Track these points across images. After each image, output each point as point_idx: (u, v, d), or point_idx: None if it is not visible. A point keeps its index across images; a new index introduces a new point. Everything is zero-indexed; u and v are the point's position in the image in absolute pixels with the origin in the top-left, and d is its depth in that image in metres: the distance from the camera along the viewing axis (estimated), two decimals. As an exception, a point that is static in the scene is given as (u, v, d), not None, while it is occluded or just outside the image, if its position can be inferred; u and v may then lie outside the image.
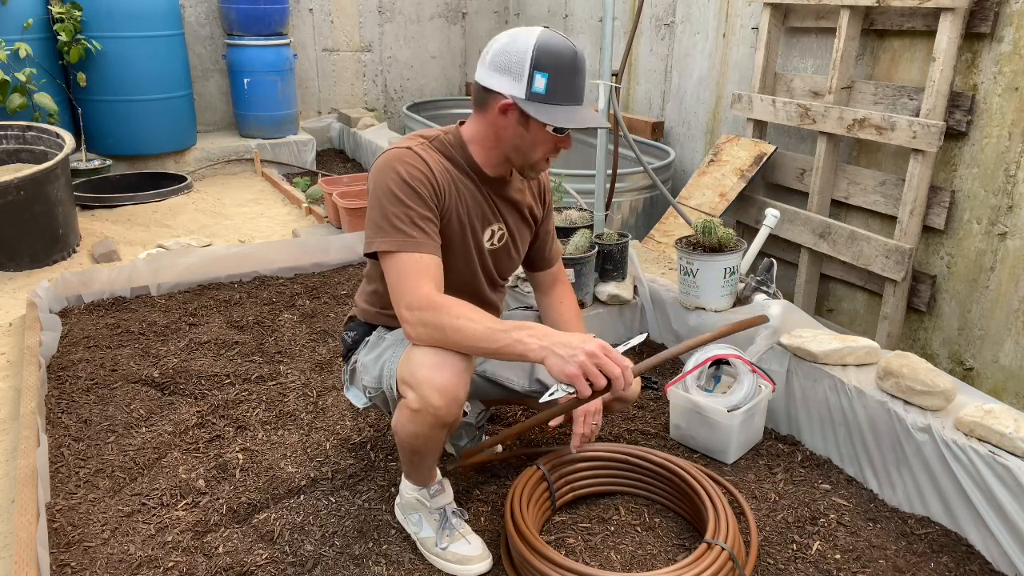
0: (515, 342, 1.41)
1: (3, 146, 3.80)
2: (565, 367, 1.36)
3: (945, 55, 2.59)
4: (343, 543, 1.77)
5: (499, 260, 1.78)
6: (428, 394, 1.47)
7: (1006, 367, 2.61)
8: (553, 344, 1.39)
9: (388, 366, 1.62)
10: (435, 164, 1.60)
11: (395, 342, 1.67)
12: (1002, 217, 2.57)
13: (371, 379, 1.68)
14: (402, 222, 1.53)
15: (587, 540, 1.78)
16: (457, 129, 1.68)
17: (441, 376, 1.47)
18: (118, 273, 3.11)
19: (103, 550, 1.73)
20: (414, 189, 1.54)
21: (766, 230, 2.74)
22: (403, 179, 1.54)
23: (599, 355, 1.37)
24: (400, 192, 1.53)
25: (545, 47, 1.49)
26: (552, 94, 1.51)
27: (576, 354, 1.36)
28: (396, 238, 1.52)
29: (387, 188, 1.54)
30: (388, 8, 6.07)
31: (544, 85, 1.50)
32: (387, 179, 1.55)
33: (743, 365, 2.12)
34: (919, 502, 1.88)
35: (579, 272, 2.62)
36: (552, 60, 1.50)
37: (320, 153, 5.82)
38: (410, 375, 1.50)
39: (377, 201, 1.56)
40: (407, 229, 1.53)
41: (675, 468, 1.84)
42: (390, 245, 1.52)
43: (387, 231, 1.53)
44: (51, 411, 2.28)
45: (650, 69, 4.57)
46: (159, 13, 4.62)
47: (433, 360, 1.48)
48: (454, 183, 1.63)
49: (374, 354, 1.71)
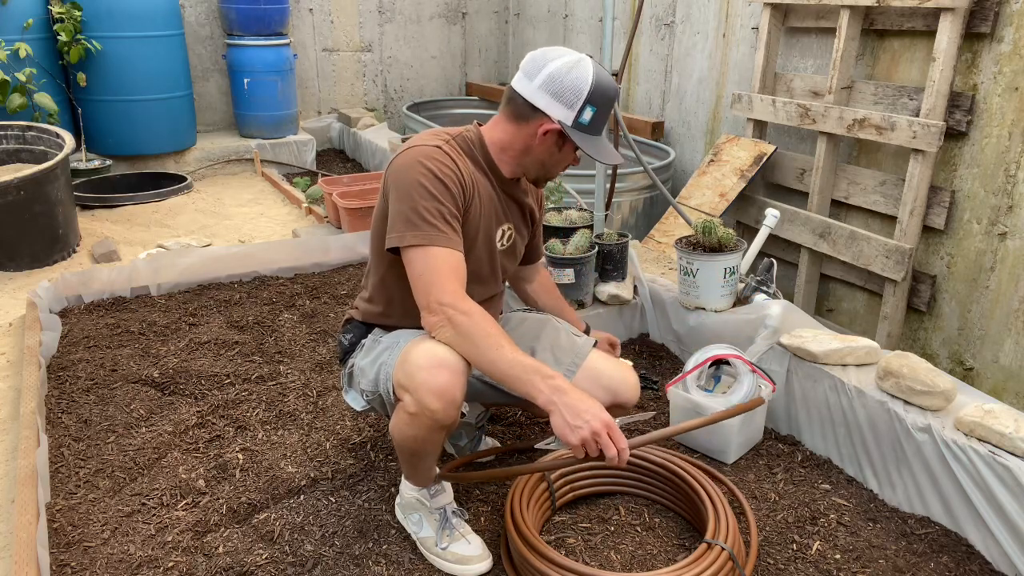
0: (527, 383, 1.43)
1: (3, 146, 3.80)
2: (569, 435, 1.39)
3: (945, 55, 2.59)
4: (343, 543, 1.77)
5: (506, 259, 1.81)
6: (425, 397, 1.47)
7: (1006, 367, 2.61)
8: (562, 404, 1.39)
9: (384, 370, 1.62)
10: (462, 163, 1.62)
11: (391, 345, 1.66)
12: (1002, 217, 2.57)
13: (368, 383, 1.67)
14: (433, 216, 1.53)
15: (587, 540, 1.78)
16: (477, 129, 1.69)
17: (438, 379, 1.47)
18: (118, 273, 3.11)
19: (103, 550, 1.73)
20: (445, 185, 1.55)
21: (766, 230, 2.74)
22: (435, 174, 1.55)
23: (603, 434, 1.38)
24: (432, 187, 1.54)
25: (600, 85, 1.59)
26: (594, 126, 1.62)
27: (582, 428, 1.38)
28: (427, 232, 1.52)
29: (418, 183, 1.54)
30: (388, 8, 6.07)
31: (590, 118, 1.60)
32: (417, 174, 1.55)
33: (743, 365, 2.12)
34: (919, 502, 1.88)
35: (579, 272, 2.62)
36: (602, 97, 1.60)
37: (320, 153, 5.82)
38: (407, 378, 1.50)
39: (407, 195, 1.55)
40: (439, 224, 1.53)
41: (675, 468, 1.84)
42: (421, 239, 1.52)
43: (418, 225, 1.53)
44: (51, 411, 2.28)
45: (650, 69, 4.57)
46: (159, 13, 4.61)
47: (430, 362, 1.48)
48: (476, 184, 1.65)
49: (370, 357, 1.70)
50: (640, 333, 2.85)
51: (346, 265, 3.50)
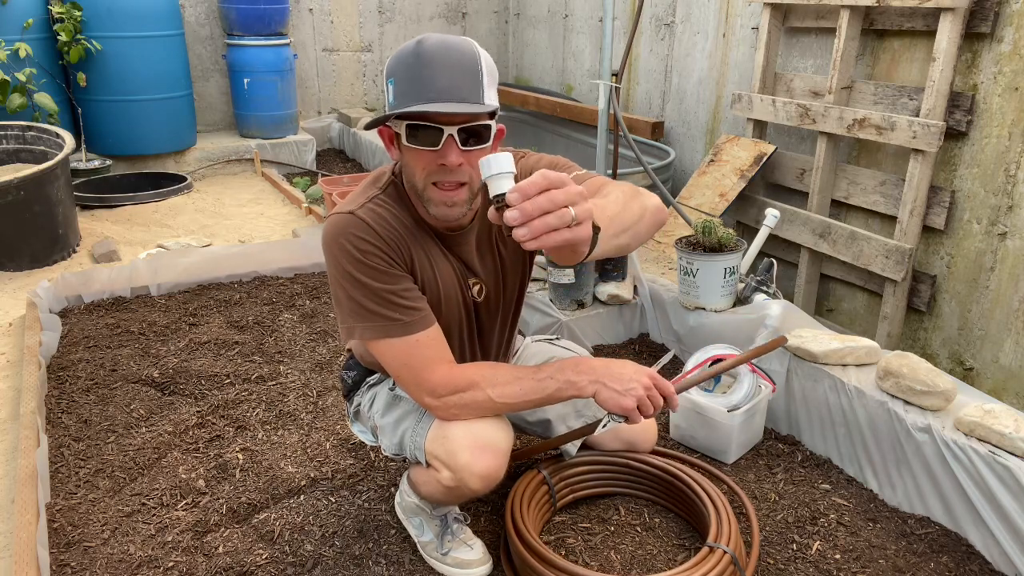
0: (565, 385, 1.36)
1: (3, 146, 3.80)
2: (622, 400, 1.34)
3: (945, 55, 2.59)
4: (343, 543, 1.77)
5: (491, 309, 1.58)
6: (468, 479, 1.42)
7: (1006, 367, 2.61)
8: (603, 378, 1.36)
9: (411, 437, 1.51)
10: (384, 226, 1.36)
11: (415, 408, 1.53)
12: (1002, 217, 2.57)
13: (392, 445, 1.58)
14: (377, 305, 1.34)
15: (587, 540, 1.78)
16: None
17: (482, 463, 1.40)
18: (118, 273, 3.11)
19: (103, 550, 1.73)
20: (371, 267, 1.33)
21: (766, 230, 2.74)
22: (356, 258, 1.33)
23: (651, 387, 1.36)
24: (360, 273, 1.33)
25: (395, 54, 1.30)
26: (400, 97, 1.27)
27: (633, 387, 1.34)
28: (378, 323, 1.35)
29: (344, 271, 1.34)
30: (388, 8, 6.07)
31: (392, 93, 1.28)
32: (340, 260, 1.34)
33: (743, 365, 2.12)
34: (919, 502, 1.88)
35: (579, 272, 2.62)
36: (395, 61, 1.29)
37: (320, 153, 5.82)
38: (447, 456, 1.42)
39: (340, 284, 1.36)
40: (387, 312, 1.34)
41: (676, 471, 1.84)
42: (374, 333, 1.35)
43: (364, 316, 1.35)
44: (51, 411, 2.28)
45: (650, 69, 4.57)
46: (159, 13, 4.61)
47: (473, 443, 1.40)
48: (411, 238, 1.40)
49: (391, 418, 1.58)
50: (640, 333, 2.85)
51: (346, 265, 3.50)
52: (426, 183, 1.33)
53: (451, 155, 1.28)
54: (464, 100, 1.25)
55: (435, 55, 1.25)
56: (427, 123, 1.27)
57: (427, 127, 1.27)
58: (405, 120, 1.28)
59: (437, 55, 1.25)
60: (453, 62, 1.25)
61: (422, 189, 1.34)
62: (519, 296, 1.66)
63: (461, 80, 1.25)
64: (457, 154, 1.28)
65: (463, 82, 1.25)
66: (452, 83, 1.25)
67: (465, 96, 1.25)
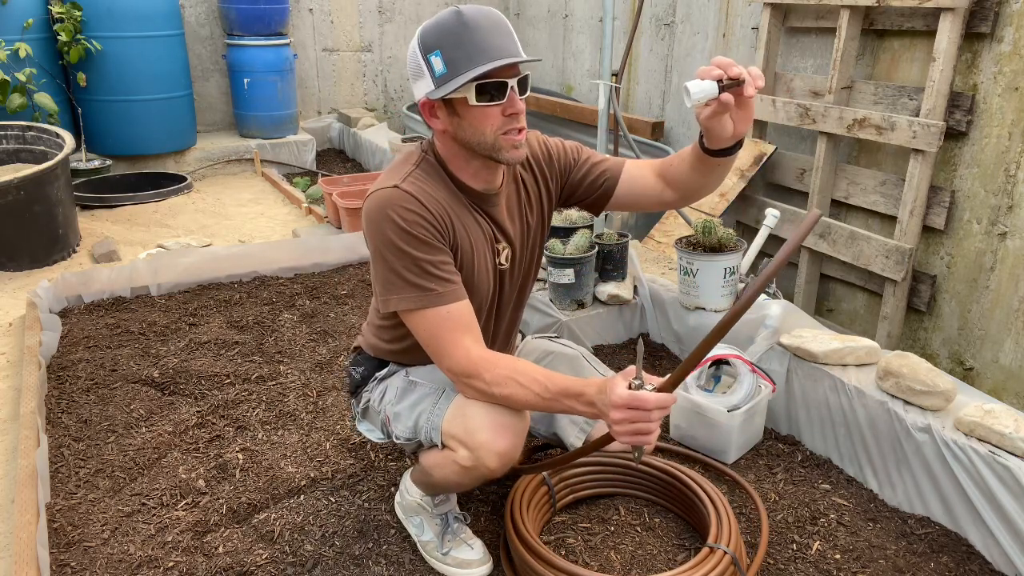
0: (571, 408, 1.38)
1: (3, 146, 3.80)
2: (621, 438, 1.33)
3: (945, 55, 2.59)
4: (343, 543, 1.77)
5: (514, 279, 1.65)
6: (486, 457, 1.44)
7: (1006, 367, 2.61)
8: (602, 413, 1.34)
9: (427, 418, 1.54)
10: (428, 198, 1.44)
11: (432, 391, 1.58)
12: (1002, 217, 2.57)
13: (405, 429, 1.59)
14: (415, 275, 1.40)
15: (587, 540, 1.78)
16: (432, 147, 1.53)
17: (502, 442, 1.44)
18: (118, 273, 3.11)
19: (103, 550, 1.73)
20: (416, 236, 1.40)
21: (766, 230, 2.74)
22: (401, 227, 1.40)
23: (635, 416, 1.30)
24: (403, 243, 1.40)
25: (426, 29, 1.39)
26: (454, 65, 1.36)
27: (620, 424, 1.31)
28: (414, 294, 1.41)
29: (388, 240, 1.41)
30: (388, 8, 6.07)
31: (442, 63, 1.37)
32: (384, 230, 1.41)
33: (743, 365, 2.12)
34: (919, 502, 1.88)
35: (579, 272, 2.62)
36: (436, 34, 1.37)
37: (320, 153, 5.82)
38: (466, 435, 1.45)
39: (380, 255, 1.43)
40: (423, 282, 1.40)
41: (676, 473, 1.84)
42: (410, 303, 1.41)
43: (401, 287, 1.41)
44: (51, 411, 2.28)
45: (650, 69, 4.57)
46: (159, 13, 4.62)
47: (493, 422, 1.44)
48: (451, 210, 1.48)
49: (406, 403, 1.60)
50: (640, 333, 2.85)
51: (346, 265, 3.50)
52: (496, 135, 1.42)
53: (518, 103, 1.42)
54: (514, 55, 1.38)
55: (480, 21, 1.37)
56: (495, 79, 1.37)
57: (495, 83, 1.38)
58: (476, 81, 1.36)
59: (482, 21, 1.37)
60: (495, 24, 1.39)
61: (492, 141, 1.43)
62: (533, 273, 1.71)
63: (507, 38, 1.39)
64: (520, 101, 1.42)
65: (508, 40, 1.39)
66: (503, 42, 1.38)
67: (513, 52, 1.39)
